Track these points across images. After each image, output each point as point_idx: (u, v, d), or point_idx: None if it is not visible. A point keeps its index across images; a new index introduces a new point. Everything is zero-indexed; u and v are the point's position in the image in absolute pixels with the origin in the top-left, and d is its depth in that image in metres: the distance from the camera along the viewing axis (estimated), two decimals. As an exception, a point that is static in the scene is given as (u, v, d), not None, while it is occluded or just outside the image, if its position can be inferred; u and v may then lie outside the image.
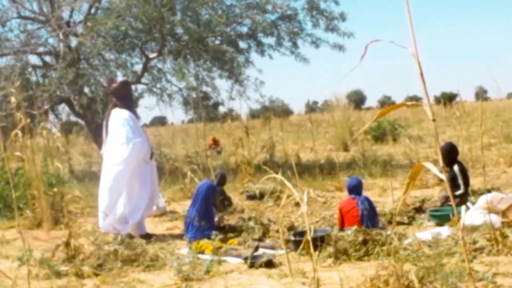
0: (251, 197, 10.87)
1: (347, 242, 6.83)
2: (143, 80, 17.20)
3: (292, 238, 7.33)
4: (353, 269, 6.38)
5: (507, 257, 6.38)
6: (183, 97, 17.69)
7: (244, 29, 16.70)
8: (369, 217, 7.66)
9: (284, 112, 53.72)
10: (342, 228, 7.67)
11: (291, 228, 8.01)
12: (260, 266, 6.68)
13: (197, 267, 6.59)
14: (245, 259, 6.84)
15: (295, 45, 16.47)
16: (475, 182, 11.46)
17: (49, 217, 9.83)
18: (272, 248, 7.40)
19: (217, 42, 16.09)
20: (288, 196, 10.12)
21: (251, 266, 6.71)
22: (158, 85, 17.14)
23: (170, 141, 32.22)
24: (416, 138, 23.06)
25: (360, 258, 6.72)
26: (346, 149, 22.25)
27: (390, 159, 16.34)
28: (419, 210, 8.84)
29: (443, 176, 3.57)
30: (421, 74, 3.03)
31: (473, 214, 7.90)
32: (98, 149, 16.93)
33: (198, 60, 16.02)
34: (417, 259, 6.38)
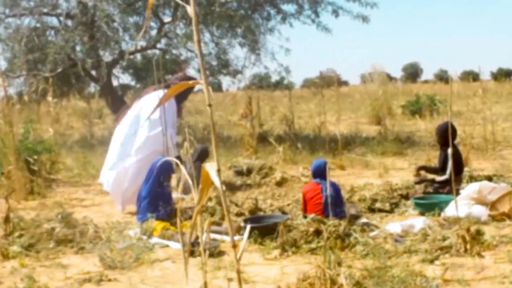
0: (239, 173, 10.18)
1: (299, 232, 6.09)
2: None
3: (242, 224, 6.64)
4: (296, 264, 5.67)
5: (473, 259, 5.53)
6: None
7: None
8: (334, 205, 6.85)
9: (337, 82, 52.46)
10: (306, 215, 6.89)
11: (252, 211, 7.31)
12: (199, 254, 6.02)
13: (127, 253, 5.99)
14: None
15: (316, 13, 15.50)
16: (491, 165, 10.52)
17: (23, 186, 9.41)
18: (225, 233, 6.73)
19: (235, 7, 15.29)
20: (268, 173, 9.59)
21: (192, 253, 6.07)
22: (174, 51, 16.51)
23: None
24: (455, 114, 21.81)
25: (312, 251, 5.97)
26: (379, 123, 21.22)
27: (415, 136, 15.35)
28: (406, 196, 7.96)
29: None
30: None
31: (458, 204, 7.02)
32: (112, 114, 16.51)
33: (210, 26, 15.24)
34: (372, 257, 5.63)
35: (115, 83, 18.67)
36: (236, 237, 6.52)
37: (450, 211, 6.88)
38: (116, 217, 7.86)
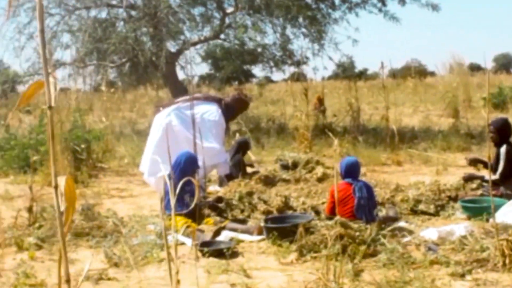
0: (284, 167, 9.70)
1: (320, 235, 5.61)
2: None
3: (262, 224, 6.22)
4: (310, 270, 5.19)
5: (510, 276, 4.88)
6: (264, 55, 16.62)
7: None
8: (367, 208, 6.30)
9: (421, 73, 50.83)
10: (331, 216, 6.34)
11: (280, 210, 6.85)
12: (211, 255, 5.68)
13: (137, 251, 5.70)
14: (200, 244, 5.85)
15: (383, 2, 14.77)
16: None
17: (66, 175, 9.30)
18: (247, 232, 6.33)
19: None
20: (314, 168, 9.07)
21: (205, 253, 5.73)
22: (237, 42, 16.15)
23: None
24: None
25: (333, 257, 5.46)
26: (456, 116, 20.17)
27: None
28: (455, 198, 7.28)
29: None
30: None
31: (509, 210, 6.34)
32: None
33: (271, 16, 14.76)
34: (395, 267, 5.09)
35: (183, 73, 18.45)
36: (257, 237, 6.16)
37: (500, 217, 6.18)
38: (146, 210, 7.59)
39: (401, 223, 6.52)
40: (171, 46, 16.25)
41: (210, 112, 8.10)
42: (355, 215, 6.20)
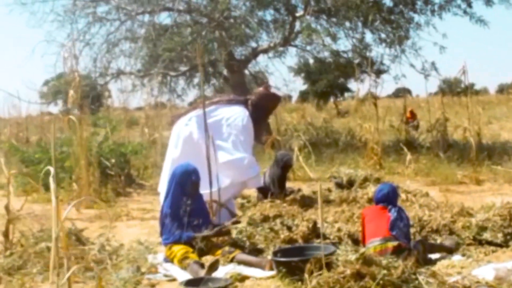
0: (339, 185, 8.38)
1: (336, 273, 4.28)
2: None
3: (270, 257, 4.96)
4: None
5: None
6: (335, 61, 15.30)
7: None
8: (404, 233, 4.99)
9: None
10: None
11: (306, 238, 5.54)
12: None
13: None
14: (186, 283, 4.68)
15: (468, 3, 13.12)
16: None
17: (89, 192, 8.43)
18: (258, 266, 5.09)
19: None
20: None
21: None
22: (308, 47, 14.93)
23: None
24: None
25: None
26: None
27: None
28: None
29: None
30: None
31: None
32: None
33: (346, 20, 13.41)
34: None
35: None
36: (268, 273, 4.92)
37: None
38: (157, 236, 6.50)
39: (455, 257, 5.11)
40: (238, 54, 15.16)
41: (236, 116, 6.85)
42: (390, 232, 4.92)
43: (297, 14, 13.91)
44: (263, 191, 7.34)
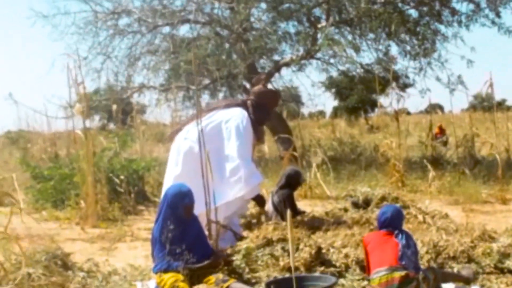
0: (355, 205, 7.88)
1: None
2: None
3: (263, 288, 4.54)
4: None
5: None
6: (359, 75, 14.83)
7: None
8: (413, 262, 4.52)
9: None
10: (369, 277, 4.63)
11: (308, 266, 5.09)
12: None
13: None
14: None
15: (497, 13, 12.54)
16: None
17: (94, 211, 8.11)
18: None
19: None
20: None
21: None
22: (332, 60, 14.46)
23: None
24: None
25: None
26: None
27: None
28: None
29: None
30: None
31: None
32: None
33: (370, 31, 12.91)
34: None
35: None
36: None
37: None
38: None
39: (473, 288, 4.64)
40: (260, 66, 14.79)
41: (234, 118, 6.36)
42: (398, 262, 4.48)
43: (319, 26, 13.47)
44: (258, 201, 6.84)
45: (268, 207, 7.03)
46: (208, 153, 5.72)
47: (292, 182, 7.13)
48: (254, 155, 6.78)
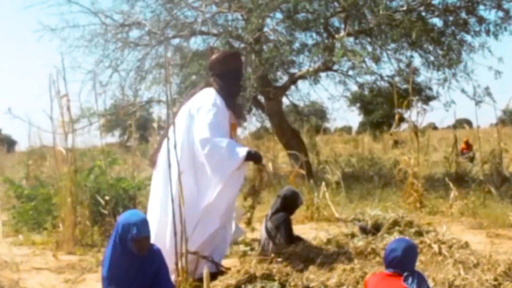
0: (364, 230, 6.96)
1: None
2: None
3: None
4: None
5: None
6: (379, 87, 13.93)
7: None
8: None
9: None
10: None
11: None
12: None
13: None
14: None
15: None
16: None
17: (72, 236, 7.31)
18: None
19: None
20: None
21: None
22: (351, 72, 13.53)
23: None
24: None
25: None
26: None
27: None
28: None
29: None
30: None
31: None
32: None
33: (391, 41, 11.99)
34: None
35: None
36: None
37: None
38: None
39: None
40: (274, 79, 14.01)
41: (203, 98, 5.52)
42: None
43: (337, 36, 12.60)
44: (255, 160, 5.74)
45: (261, 233, 6.21)
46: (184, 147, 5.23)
47: (289, 204, 6.27)
48: (236, 136, 5.83)
